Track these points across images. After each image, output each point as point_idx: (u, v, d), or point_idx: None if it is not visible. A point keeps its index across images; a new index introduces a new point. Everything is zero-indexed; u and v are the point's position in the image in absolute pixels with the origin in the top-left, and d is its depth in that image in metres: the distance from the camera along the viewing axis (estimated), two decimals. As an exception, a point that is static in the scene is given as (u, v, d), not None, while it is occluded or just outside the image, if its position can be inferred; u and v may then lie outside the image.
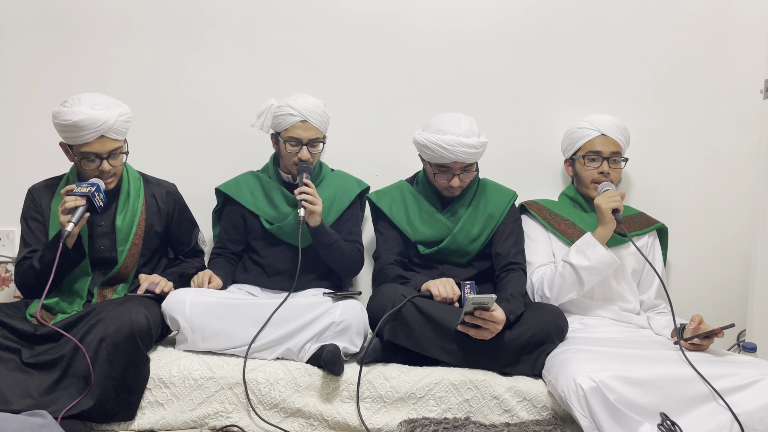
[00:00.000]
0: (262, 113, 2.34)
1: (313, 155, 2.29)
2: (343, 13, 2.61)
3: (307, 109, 2.26)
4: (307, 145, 2.27)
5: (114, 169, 2.10)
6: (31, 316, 2.03)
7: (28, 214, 2.18)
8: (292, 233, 2.30)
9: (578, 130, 2.38)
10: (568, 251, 2.22)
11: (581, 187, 2.39)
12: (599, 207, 2.19)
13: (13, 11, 2.60)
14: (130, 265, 2.19)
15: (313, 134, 2.28)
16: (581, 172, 2.36)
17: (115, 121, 2.03)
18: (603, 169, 2.32)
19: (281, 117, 2.27)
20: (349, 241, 2.36)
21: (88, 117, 1.98)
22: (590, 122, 2.37)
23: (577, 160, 2.38)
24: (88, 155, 2.05)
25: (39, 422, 1.64)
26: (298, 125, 2.26)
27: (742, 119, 2.59)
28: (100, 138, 2.03)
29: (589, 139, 2.35)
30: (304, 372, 1.99)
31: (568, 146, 2.42)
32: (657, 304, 2.38)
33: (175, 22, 2.61)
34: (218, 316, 2.04)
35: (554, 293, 2.21)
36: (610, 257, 2.16)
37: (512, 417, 1.96)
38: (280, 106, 2.28)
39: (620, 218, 2.16)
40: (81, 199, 1.96)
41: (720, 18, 2.57)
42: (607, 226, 2.19)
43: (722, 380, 1.78)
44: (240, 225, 2.40)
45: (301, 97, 2.29)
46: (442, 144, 2.16)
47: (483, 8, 2.61)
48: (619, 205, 2.17)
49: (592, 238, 2.19)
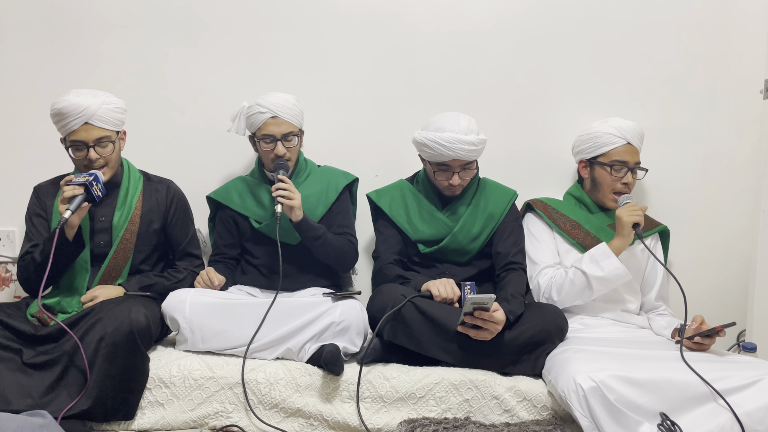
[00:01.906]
0: (236, 117, 2.36)
1: (289, 150, 2.30)
2: (342, 12, 2.61)
3: (276, 105, 2.27)
4: (281, 140, 2.28)
5: (103, 158, 2.12)
6: (32, 316, 2.03)
7: (32, 211, 2.21)
8: (281, 231, 2.30)
9: (604, 135, 2.31)
10: (581, 258, 2.20)
11: (596, 192, 2.35)
12: (620, 219, 2.16)
13: (13, 11, 2.60)
14: (121, 261, 2.19)
15: (286, 129, 2.28)
16: (602, 178, 2.32)
17: (98, 108, 2.08)
18: (627, 180, 2.29)
19: (253, 117, 2.29)
20: (341, 234, 2.36)
21: (70, 104, 2.05)
22: (618, 129, 2.30)
23: (598, 166, 2.32)
24: (76, 143, 2.10)
25: (39, 422, 1.64)
26: (269, 122, 2.27)
27: (742, 119, 2.59)
28: (85, 125, 2.08)
29: (614, 147, 2.29)
30: (304, 372, 1.99)
31: (589, 148, 2.35)
32: (657, 306, 2.38)
33: (174, 22, 2.61)
34: (218, 316, 2.05)
35: (562, 298, 2.20)
36: (623, 270, 2.14)
37: (512, 417, 1.96)
38: (251, 107, 2.30)
39: (641, 233, 2.14)
40: (79, 188, 1.99)
41: (720, 18, 2.57)
42: (624, 239, 2.16)
43: (722, 380, 1.78)
44: (233, 229, 2.41)
45: (271, 94, 2.31)
46: (441, 142, 2.16)
47: (483, 8, 2.61)
48: (641, 220, 2.15)
49: (607, 249, 2.16)
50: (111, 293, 2.10)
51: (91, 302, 2.06)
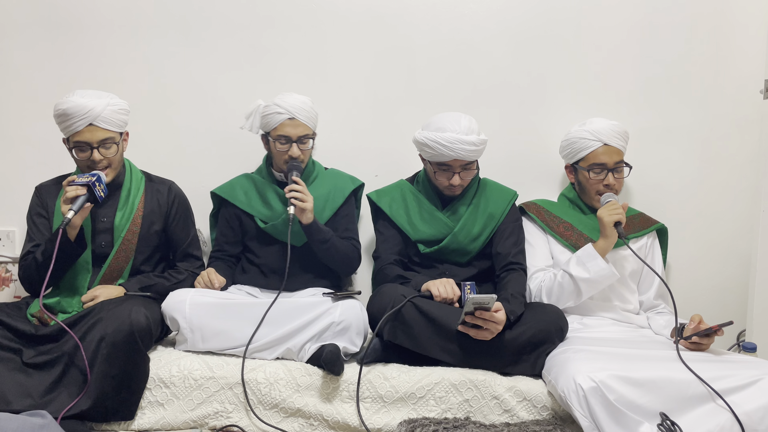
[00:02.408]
0: (250, 114, 2.36)
1: (303, 152, 2.30)
2: (343, 12, 2.61)
3: (294, 107, 2.27)
4: (296, 142, 2.28)
5: (107, 159, 2.12)
6: (32, 316, 2.03)
7: (33, 211, 2.21)
8: (287, 231, 2.30)
9: (579, 141, 2.31)
10: (568, 260, 2.21)
11: (584, 195, 2.37)
12: (601, 219, 2.16)
13: (14, 11, 2.60)
14: (123, 261, 2.19)
15: (302, 131, 2.28)
16: (585, 182, 2.33)
17: (103, 110, 2.08)
18: (608, 181, 2.29)
19: (269, 116, 2.28)
20: (345, 239, 2.36)
21: (75, 104, 2.05)
22: (591, 132, 2.29)
23: (580, 171, 2.34)
24: (80, 144, 2.09)
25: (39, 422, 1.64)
26: (286, 123, 2.27)
27: (742, 119, 2.59)
28: (89, 126, 2.08)
29: (591, 151, 2.29)
30: (304, 372, 1.99)
31: (569, 154, 2.37)
32: (656, 305, 2.38)
33: (175, 22, 2.61)
34: (218, 316, 2.05)
35: (552, 301, 2.21)
36: (609, 270, 2.15)
37: (512, 417, 1.96)
38: (268, 106, 2.29)
39: (622, 231, 2.14)
40: (82, 188, 1.99)
41: (720, 18, 2.57)
42: (608, 238, 2.17)
43: (722, 380, 1.78)
44: (236, 226, 2.41)
45: (288, 95, 2.30)
46: (442, 141, 2.16)
47: (483, 8, 2.61)
48: (621, 218, 2.15)
49: (593, 250, 2.17)
50: (111, 293, 2.10)
51: (92, 302, 2.06)
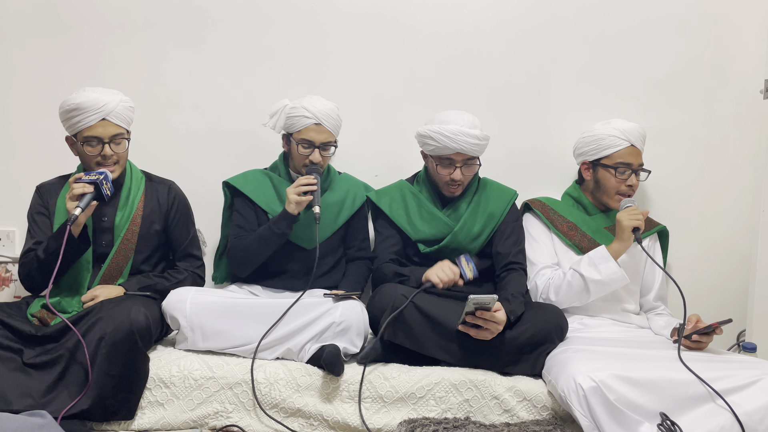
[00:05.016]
0: (276, 113, 2.33)
1: (324, 158, 2.29)
2: (343, 13, 2.61)
3: (321, 112, 2.25)
4: (319, 148, 2.26)
5: (116, 155, 2.12)
6: (32, 315, 2.03)
7: (34, 209, 2.20)
8: (300, 232, 2.29)
9: (607, 138, 2.30)
10: (579, 260, 2.21)
11: (599, 194, 2.35)
12: (620, 223, 2.16)
13: (14, 11, 2.60)
14: (122, 261, 2.19)
15: (326, 137, 2.27)
16: (606, 180, 2.31)
17: (117, 105, 2.10)
18: (632, 182, 2.28)
19: (295, 118, 2.26)
20: (359, 258, 2.40)
21: (90, 99, 2.07)
22: (621, 131, 2.29)
23: (602, 168, 2.32)
24: (90, 139, 2.09)
25: (39, 422, 1.64)
26: (311, 128, 2.26)
27: (742, 119, 2.59)
28: (102, 121, 2.09)
29: (619, 149, 2.29)
30: (304, 372, 1.99)
31: (592, 150, 2.34)
32: (656, 306, 2.39)
33: (175, 22, 2.61)
34: (218, 316, 2.04)
35: (559, 299, 2.21)
36: (620, 274, 2.15)
37: (512, 417, 1.96)
38: (294, 107, 2.27)
39: (639, 237, 2.13)
40: (89, 186, 1.99)
41: (720, 18, 2.58)
42: (624, 242, 2.16)
43: (722, 380, 1.78)
44: (252, 215, 2.37)
45: (316, 100, 2.28)
46: (445, 133, 2.17)
47: (483, 8, 2.61)
48: (641, 224, 2.14)
49: (606, 252, 2.16)
50: (111, 293, 2.09)
51: (92, 302, 2.06)
